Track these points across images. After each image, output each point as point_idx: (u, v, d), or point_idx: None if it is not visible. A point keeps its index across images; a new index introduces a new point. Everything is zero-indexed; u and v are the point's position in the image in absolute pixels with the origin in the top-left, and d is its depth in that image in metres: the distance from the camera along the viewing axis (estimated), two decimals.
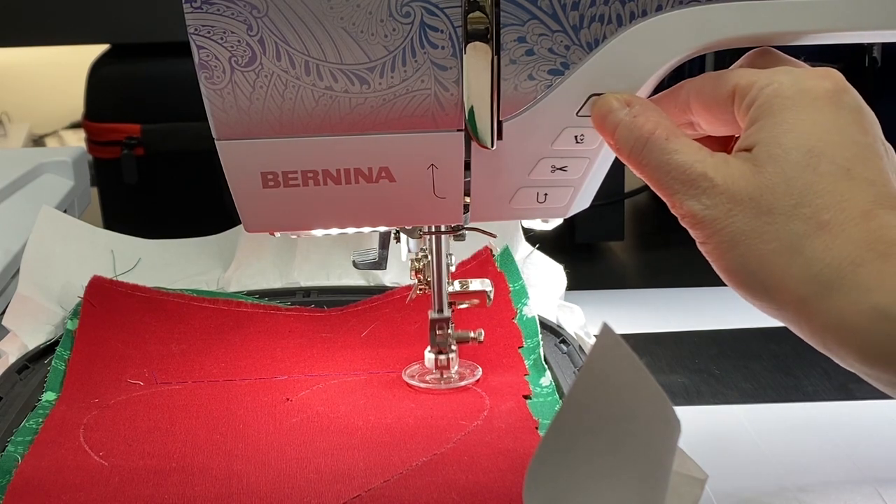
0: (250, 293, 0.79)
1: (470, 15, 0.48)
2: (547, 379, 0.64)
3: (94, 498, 0.52)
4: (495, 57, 0.49)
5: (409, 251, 0.64)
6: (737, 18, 0.49)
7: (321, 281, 0.83)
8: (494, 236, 0.65)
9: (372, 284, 0.83)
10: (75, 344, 0.69)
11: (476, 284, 0.64)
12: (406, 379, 0.65)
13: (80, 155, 1.08)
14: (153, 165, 1.14)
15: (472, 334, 0.65)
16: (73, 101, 1.33)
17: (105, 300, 0.75)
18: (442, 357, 0.64)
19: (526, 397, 0.62)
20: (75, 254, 0.81)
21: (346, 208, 0.54)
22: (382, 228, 0.62)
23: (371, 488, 0.52)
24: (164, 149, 1.15)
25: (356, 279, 0.84)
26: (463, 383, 0.64)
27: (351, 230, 0.57)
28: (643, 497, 0.37)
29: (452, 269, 0.63)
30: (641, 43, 0.49)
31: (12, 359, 0.68)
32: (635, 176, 0.48)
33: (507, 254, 0.79)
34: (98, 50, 1.23)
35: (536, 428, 0.58)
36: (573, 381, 0.47)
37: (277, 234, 0.59)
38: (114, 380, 0.66)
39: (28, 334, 0.71)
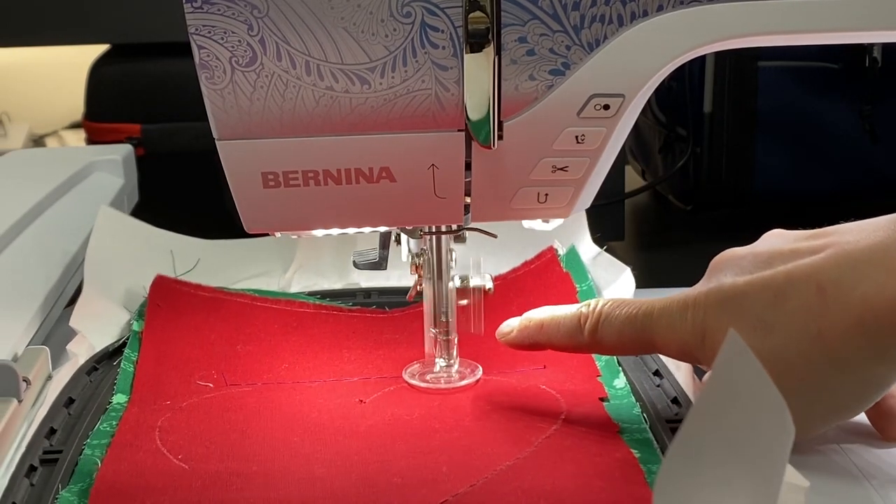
0: (312, 294, 0.79)
1: (471, 15, 0.48)
2: (621, 381, 0.63)
3: (178, 501, 0.51)
4: (496, 57, 0.49)
5: (410, 251, 0.64)
6: (737, 18, 0.49)
7: (381, 281, 0.83)
8: (495, 237, 0.65)
9: None
10: (142, 345, 0.69)
11: (476, 280, 0.64)
12: (406, 378, 0.65)
13: (128, 153, 1.07)
14: (153, 165, 1.14)
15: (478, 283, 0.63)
16: (73, 101, 1.33)
17: (169, 300, 0.74)
18: (446, 339, 0.63)
19: (602, 399, 0.61)
20: (136, 254, 0.81)
21: (346, 208, 0.54)
22: (383, 228, 0.62)
23: (457, 493, 0.50)
24: (164, 149, 1.15)
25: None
26: (462, 383, 0.64)
27: (351, 230, 0.57)
28: None
29: (454, 265, 0.63)
30: (642, 43, 0.50)
31: (81, 360, 0.68)
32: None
33: (573, 254, 0.78)
34: (98, 50, 1.23)
35: (618, 432, 0.56)
36: (702, 388, 0.46)
37: (278, 234, 0.59)
38: (183, 381, 0.65)
39: (95, 335, 0.71)
